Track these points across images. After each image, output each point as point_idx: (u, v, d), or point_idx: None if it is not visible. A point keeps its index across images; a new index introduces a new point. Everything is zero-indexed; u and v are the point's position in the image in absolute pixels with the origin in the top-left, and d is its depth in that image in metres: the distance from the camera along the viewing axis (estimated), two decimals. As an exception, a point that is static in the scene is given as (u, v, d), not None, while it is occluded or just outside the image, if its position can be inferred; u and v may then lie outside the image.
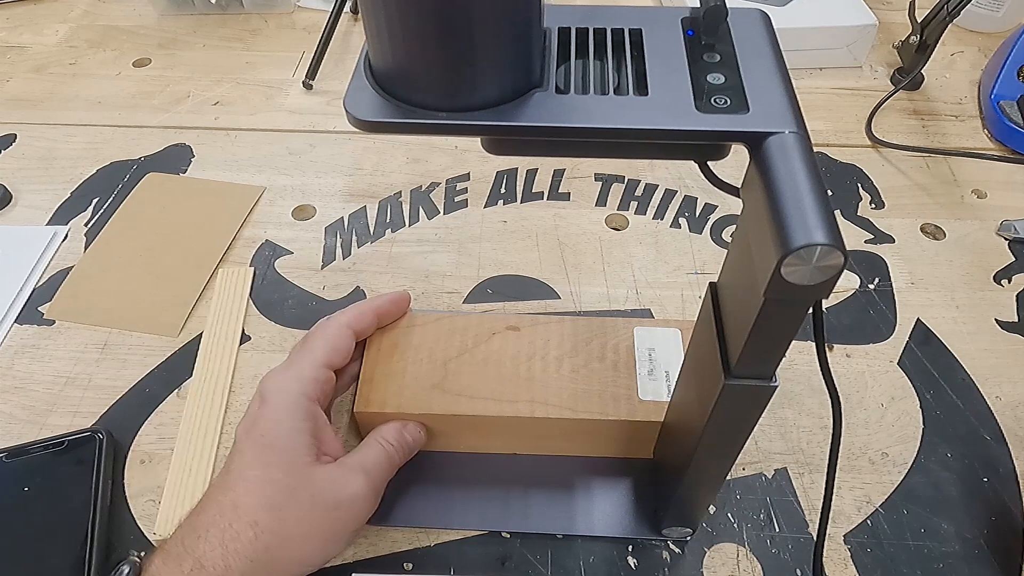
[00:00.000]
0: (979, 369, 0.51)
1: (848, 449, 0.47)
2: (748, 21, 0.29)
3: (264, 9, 0.84)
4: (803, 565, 0.42)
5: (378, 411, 0.42)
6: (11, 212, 0.62)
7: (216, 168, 0.65)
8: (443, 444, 0.45)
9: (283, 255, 0.58)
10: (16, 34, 0.82)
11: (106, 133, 0.69)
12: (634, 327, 0.46)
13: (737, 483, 0.45)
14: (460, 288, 0.56)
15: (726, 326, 0.29)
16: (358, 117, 0.27)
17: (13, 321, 0.54)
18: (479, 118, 0.26)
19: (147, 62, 0.78)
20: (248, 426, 0.38)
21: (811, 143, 0.25)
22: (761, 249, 0.24)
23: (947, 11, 0.65)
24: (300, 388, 0.39)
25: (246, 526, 0.34)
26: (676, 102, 0.26)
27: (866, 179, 0.65)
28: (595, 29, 0.29)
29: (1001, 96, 0.69)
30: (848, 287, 0.56)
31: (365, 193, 0.63)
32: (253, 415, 0.38)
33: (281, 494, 0.35)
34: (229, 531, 0.34)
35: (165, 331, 0.53)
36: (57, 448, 0.45)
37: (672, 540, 0.43)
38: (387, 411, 0.42)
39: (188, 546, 0.33)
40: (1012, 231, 0.59)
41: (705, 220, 0.61)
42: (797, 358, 0.51)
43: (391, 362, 0.44)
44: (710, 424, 0.31)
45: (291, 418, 0.38)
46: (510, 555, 0.42)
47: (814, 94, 0.73)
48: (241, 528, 0.34)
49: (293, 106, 0.72)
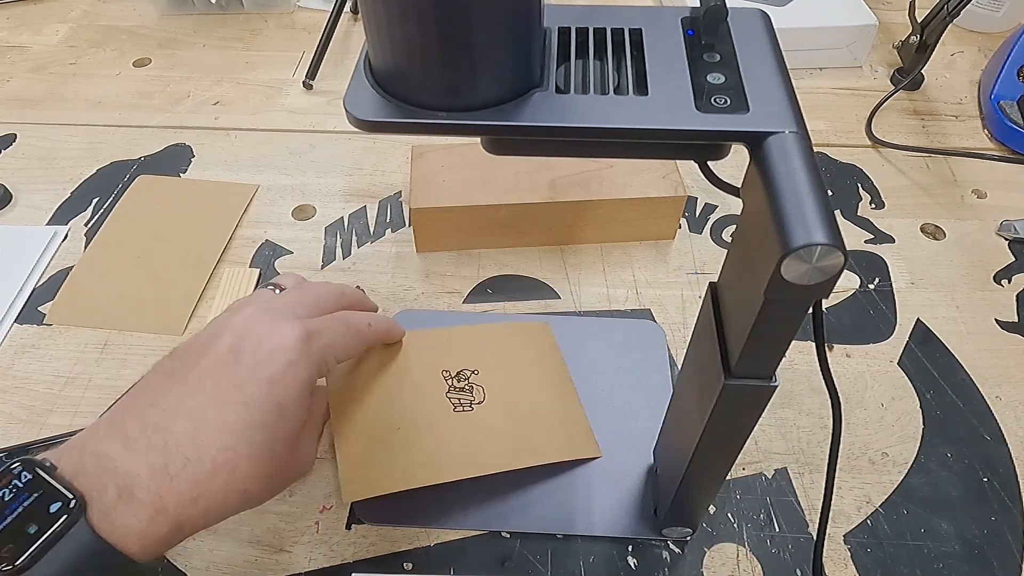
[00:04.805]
0: (979, 369, 0.51)
1: (848, 449, 0.47)
2: (748, 21, 0.29)
3: (264, 9, 0.84)
4: (803, 565, 0.42)
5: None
6: (11, 212, 0.62)
7: (216, 168, 0.65)
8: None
9: (283, 255, 0.58)
10: (16, 34, 0.82)
11: (106, 133, 0.69)
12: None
13: (737, 483, 0.45)
14: (460, 288, 0.56)
15: (726, 326, 0.29)
16: (358, 117, 0.27)
17: (13, 321, 0.53)
18: (479, 118, 0.26)
19: (147, 62, 0.78)
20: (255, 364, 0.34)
21: (811, 143, 0.25)
22: (761, 249, 0.24)
23: (947, 11, 0.65)
24: (319, 371, 0.37)
25: (236, 493, 0.32)
26: (676, 102, 0.26)
27: (866, 179, 0.65)
28: (595, 29, 0.29)
29: (1001, 96, 0.69)
30: (848, 287, 0.56)
31: (365, 193, 0.63)
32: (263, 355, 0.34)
33: (277, 467, 0.34)
34: (216, 498, 0.32)
35: (169, 329, 0.53)
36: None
37: (672, 540, 0.43)
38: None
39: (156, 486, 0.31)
40: (1012, 231, 0.59)
41: (705, 220, 0.61)
42: (797, 358, 0.51)
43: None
44: (710, 424, 0.31)
45: (306, 395, 0.35)
46: (510, 555, 0.42)
47: (814, 94, 0.73)
48: (230, 495, 0.32)
49: (293, 106, 0.72)
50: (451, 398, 0.45)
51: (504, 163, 0.57)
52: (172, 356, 0.36)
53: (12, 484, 0.29)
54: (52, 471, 0.30)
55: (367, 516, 0.43)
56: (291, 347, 0.35)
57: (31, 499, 0.29)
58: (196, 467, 0.31)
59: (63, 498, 0.29)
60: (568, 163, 0.57)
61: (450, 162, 0.57)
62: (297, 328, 0.35)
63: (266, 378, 0.34)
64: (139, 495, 0.30)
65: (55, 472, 0.30)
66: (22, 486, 0.29)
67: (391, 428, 0.43)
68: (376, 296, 0.55)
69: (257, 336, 0.35)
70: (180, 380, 0.34)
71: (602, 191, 0.55)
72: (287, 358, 0.34)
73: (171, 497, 0.30)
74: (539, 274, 0.57)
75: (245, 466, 0.32)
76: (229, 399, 0.33)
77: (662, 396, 0.43)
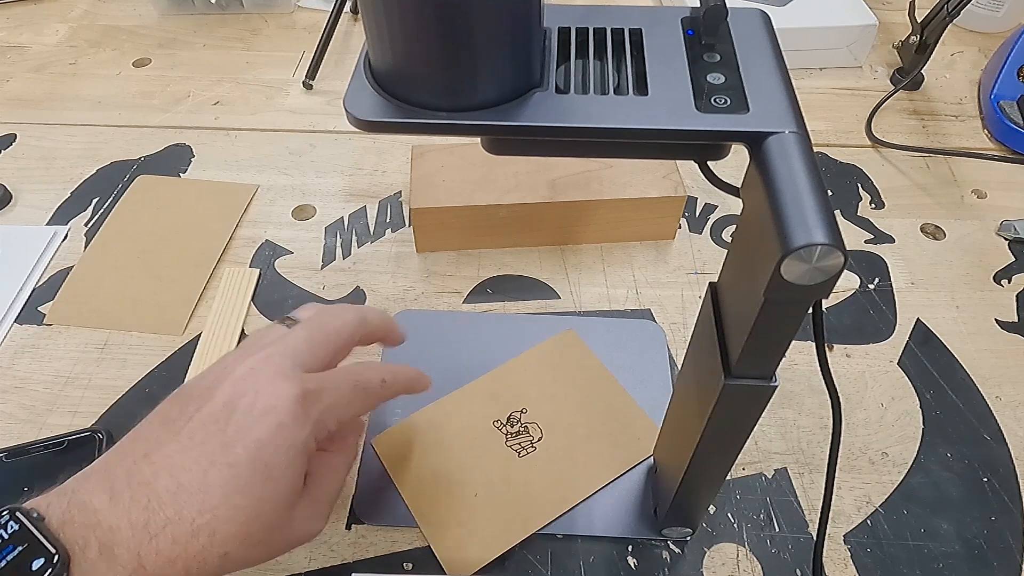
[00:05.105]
0: (979, 369, 0.51)
1: (848, 449, 0.47)
2: (748, 21, 0.29)
3: (264, 9, 0.84)
4: (803, 565, 0.42)
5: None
6: (11, 212, 0.62)
7: (216, 168, 0.65)
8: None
9: (283, 255, 0.58)
10: (16, 34, 0.82)
11: (106, 133, 0.69)
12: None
13: (737, 483, 0.45)
14: (460, 288, 0.56)
15: (726, 326, 0.29)
16: (358, 117, 0.27)
17: (13, 321, 0.53)
18: (479, 118, 0.26)
19: (147, 62, 0.78)
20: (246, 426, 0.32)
21: (811, 143, 0.25)
22: (761, 249, 0.24)
23: (947, 11, 0.65)
24: (314, 434, 0.34)
25: (216, 556, 0.31)
26: (676, 102, 0.26)
27: (866, 179, 0.65)
28: (595, 29, 0.29)
29: (1001, 96, 0.69)
30: (848, 287, 0.56)
31: (365, 193, 0.63)
32: (255, 416, 0.32)
33: (263, 531, 0.32)
34: (195, 560, 0.30)
35: (169, 329, 0.53)
36: (57, 448, 0.45)
37: (672, 540, 0.43)
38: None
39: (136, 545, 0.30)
40: (1012, 231, 0.59)
41: (705, 220, 0.61)
42: (797, 358, 0.51)
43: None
44: (710, 424, 0.30)
45: (299, 460, 0.33)
46: (510, 555, 0.42)
47: (814, 94, 0.73)
48: (210, 557, 0.31)
49: (293, 106, 0.72)
50: (511, 446, 0.45)
51: (504, 163, 0.57)
52: (174, 398, 0.34)
53: None
54: (39, 522, 0.29)
55: (367, 516, 0.43)
56: (283, 409, 0.33)
57: (15, 553, 0.28)
58: (175, 528, 0.30)
59: (47, 554, 0.28)
60: (568, 163, 0.57)
61: (450, 162, 0.57)
62: (294, 388, 0.33)
63: (254, 440, 0.32)
64: (119, 553, 0.29)
65: (42, 523, 0.29)
66: (7, 537, 0.28)
67: (468, 496, 0.43)
68: (376, 296, 0.55)
69: (253, 393, 0.33)
70: (173, 433, 0.32)
71: (602, 191, 0.55)
72: (278, 420, 0.33)
73: (149, 557, 0.29)
74: (539, 274, 0.57)
75: (225, 529, 0.31)
76: (215, 459, 0.31)
77: (662, 396, 0.43)
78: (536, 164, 0.57)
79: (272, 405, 0.33)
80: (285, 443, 0.33)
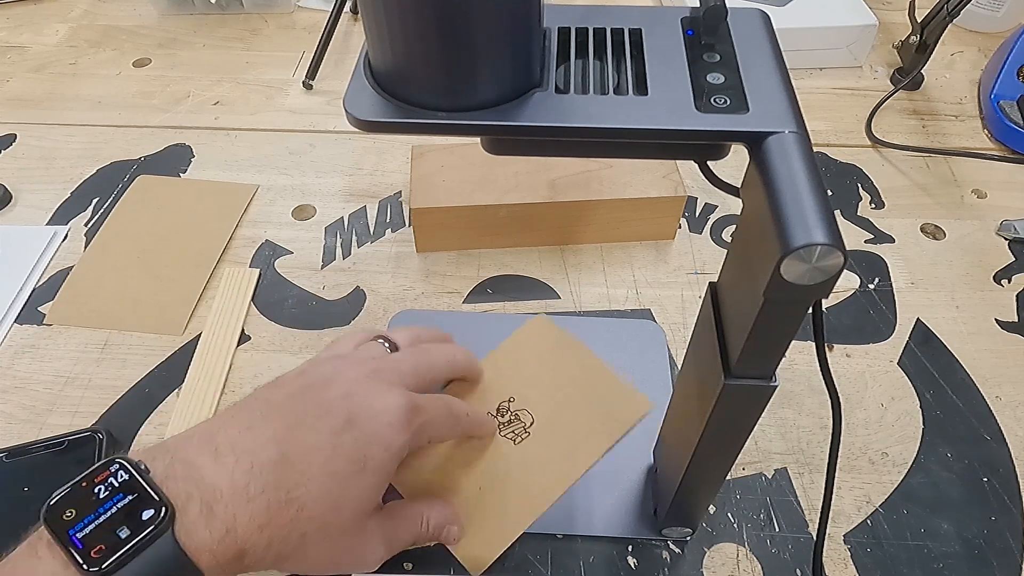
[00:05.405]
0: (979, 369, 0.51)
1: (848, 449, 0.47)
2: (748, 21, 0.29)
3: (264, 9, 0.84)
4: (803, 565, 0.42)
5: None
6: (11, 212, 0.62)
7: (216, 168, 0.65)
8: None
9: (283, 255, 0.58)
10: (16, 34, 0.82)
11: (106, 133, 0.69)
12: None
13: (737, 483, 0.45)
14: (460, 288, 0.56)
15: (726, 326, 0.29)
16: (358, 117, 0.27)
17: (13, 321, 0.53)
18: (479, 118, 0.26)
19: (147, 62, 0.78)
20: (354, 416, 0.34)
21: (811, 143, 0.25)
22: (761, 249, 0.24)
23: (947, 11, 0.65)
24: (410, 444, 0.37)
25: (298, 535, 0.32)
26: (676, 102, 0.26)
27: (866, 179, 0.65)
28: (595, 29, 0.29)
29: (1001, 96, 0.69)
30: (848, 287, 0.56)
31: (365, 193, 0.63)
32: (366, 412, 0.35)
33: (339, 526, 0.34)
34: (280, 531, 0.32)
35: (169, 329, 0.53)
36: (57, 448, 0.45)
37: (672, 540, 0.43)
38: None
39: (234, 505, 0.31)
40: (1012, 231, 0.59)
41: (705, 220, 0.61)
42: (797, 358, 0.51)
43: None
44: (710, 424, 0.31)
45: (393, 463, 0.36)
46: (510, 555, 0.42)
47: (814, 94, 0.73)
48: (293, 534, 0.32)
49: (293, 106, 0.72)
50: (506, 435, 0.46)
51: (504, 163, 0.57)
52: (276, 385, 0.36)
53: (108, 482, 0.30)
54: (146, 474, 0.30)
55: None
56: (393, 412, 0.36)
57: (125, 500, 0.29)
58: (271, 495, 0.31)
59: (156, 505, 0.29)
60: (568, 163, 0.57)
61: (450, 162, 0.57)
62: (404, 398, 0.36)
63: (363, 433, 0.34)
64: (217, 511, 0.30)
65: (148, 476, 0.30)
66: (118, 485, 0.30)
67: (473, 491, 0.44)
68: (376, 296, 0.55)
69: (369, 394, 0.36)
70: (280, 415, 0.34)
71: (602, 191, 0.55)
72: (387, 420, 0.35)
73: (243, 519, 0.31)
74: (539, 274, 0.57)
75: (311, 508, 0.32)
76: (323, 443, 0.33)
77: (662, 396, 0.43)
78: (536, 164, 0.57)
79: (385, 407, 0.36)
80: (386, 443, 0.35)
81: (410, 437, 0.36)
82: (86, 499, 0.29)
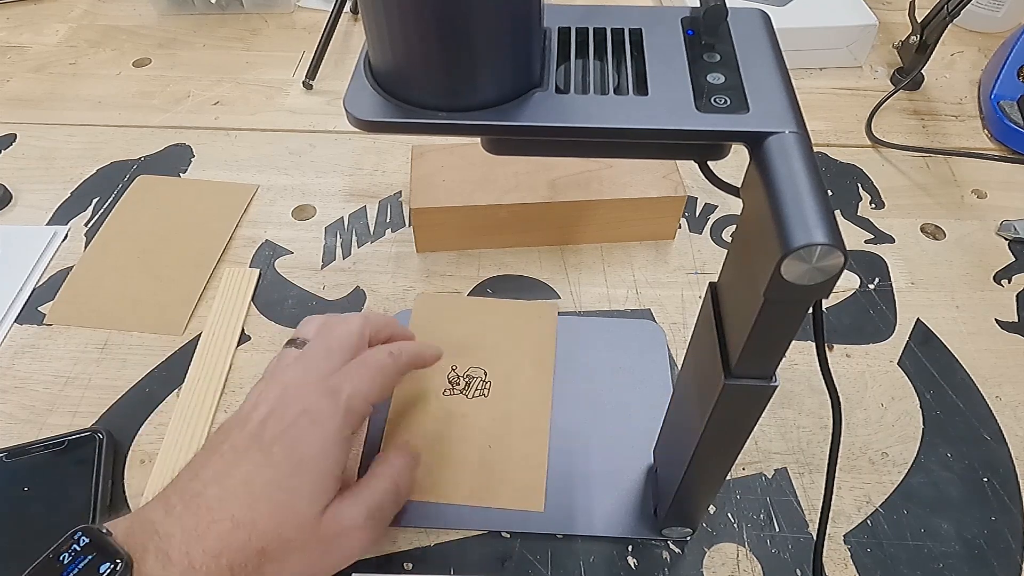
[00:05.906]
0: (979, 369, 0.51)
1: (848, 449, 0.47)
2: (748, 21, 0.29)
3: (264, 9, 0.84)
4: (803, 565, 0.42)
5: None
6: (11, 212, 0.62)
7: (216, 168, 0.65)
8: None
9: (283, 255, 0.58)
10: (16, 34, 0.82)
11: (106, 133, 0.69)
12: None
13: (737, 483, 0.45)
14: (460, 288, 0.56)
15: (726, 326, 0.29)
16: (358, 117, 0.27)
17: (13, 321, 0.53)
18: (479, 118, 0.26)
19: (147, 62, 0.78)
20: (281, 431, 0.36)
21: (811, 143, 0.25)
22: (761, 249, 0.24)
23: (947, 11, 0.65)
24: (348, 421, 0.38)
25: (255, 552, 0.33)
26: (676, 102, 0.26)
27: (866, 179, 0.65)
28: (595, 29, 0.29)
29: (1001, 96, 0.69)
30: (848, 287, 0.56)
31: (365, 193, 0.63)
32: (288, 420, 0.36)
33: (296, 529, 0.35)
34: (238, 554, 0.33)
35: (169, 329, 0.53)
36: (57, 448, 0.45)
37: (672, 540, 0.43)
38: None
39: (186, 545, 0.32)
40: (1012, 231, 0.59)
41: (705, 220, 0.61)
42: (797, 358, 0.51)
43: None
44: (710, 424, 0.31)
45: (334, 449, 0.37)
46: (510, 555, 0.42)
47: (814, 94, 0.73)
48: (250, 553, 0.33)
49: (293, 106, 0.72)
50: (475, 396, 0.48)
51: (504, 163, 0.57)
52: (217, 431, 0.38)
53: (72, 548, 0.31)
54: (107, 536, 0.32)
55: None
56: (312, 407, 0.37)
57: (86, 560, 0.31)
58: (220, 525, 0.33)
59: (112, 558, 0.31)
60: (568, 163, 0.57)
61: (450, 162, 0.57)
62: (318, 389, 0.38)
63: (289, 438, 0.36)
64: (173, 556, 0.32)
65: (109, 536, 0.32)
66: (80, 549, 0.31)
67: (485, 450, 0.46)
68: (376, 296, 0.55)
69: (284, 406, 0.37)
70: (218, 453, 0.36)
71: (602, 191, 0.55)
72: (309, 418, 0.37)
73: (197, 555, 0.32)
74: (539, 274, 0.57)
75: (263, 524, 0.34)
76: (258, 463, 0.35)
77: (662, 396, 0.43)
78: (536, 164, 0.57)
79: (303, 408, 0.37)
80: (317, 435, 0.36)
81: (341, 416, 0.37)
82: (51, 567, 0.31)
